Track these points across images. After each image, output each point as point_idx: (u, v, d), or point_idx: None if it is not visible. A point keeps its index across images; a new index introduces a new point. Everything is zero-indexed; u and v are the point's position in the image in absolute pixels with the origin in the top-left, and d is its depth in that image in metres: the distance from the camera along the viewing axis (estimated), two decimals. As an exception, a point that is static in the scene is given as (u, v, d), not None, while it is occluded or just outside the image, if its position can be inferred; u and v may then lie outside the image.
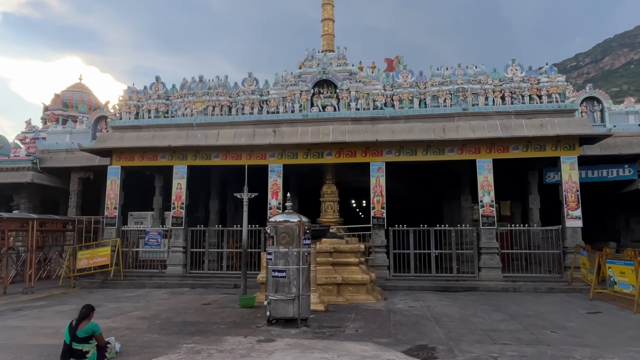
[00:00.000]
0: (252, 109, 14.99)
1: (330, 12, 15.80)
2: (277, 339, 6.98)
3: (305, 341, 6.84)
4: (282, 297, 7.78)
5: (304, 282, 7.92)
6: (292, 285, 7.83)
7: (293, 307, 7.76)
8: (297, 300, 7.75)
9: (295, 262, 7.86)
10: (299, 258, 7.88)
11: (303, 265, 7.92)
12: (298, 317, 7.77)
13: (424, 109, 14.23)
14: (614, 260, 10.47)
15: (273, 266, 7.96)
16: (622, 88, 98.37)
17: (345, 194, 17.18)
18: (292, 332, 7.43)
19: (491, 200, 13.11)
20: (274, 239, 8.02)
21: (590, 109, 15.88)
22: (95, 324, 5.74)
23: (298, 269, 7.85)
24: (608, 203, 17.02)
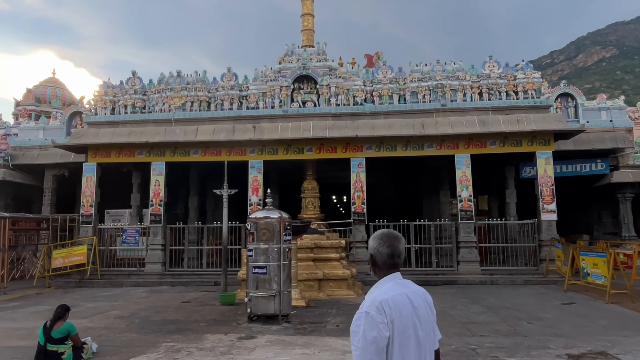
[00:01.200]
0: (231, 104, 14.84)
1: (310, 7, 15.74)
2: (258, 335, 6.96)
3: (286, 337, 6.83)
4: (262, 294, 7.75)
5: (284, 278, 7.91)
6: (273, 281, 7.81)
7: (274, 304, 7.74)
8: (278, 296, 7.73)
9: (276, 258, 7.84)
10: (279, 254, 7.85)
11: (284, 262, 7.90)
12: (279, 314, 7.76)
13: (404, 104, 14.33)
14: (587, 253, 10.77)
15: (253, 263, 7.92)
16: (594, 85, 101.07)
17: (326, 190, 17.19)
18: (273, 328, 7.42)
19: (469, 195, 13.30)
20: (254, 235, 7.98)
21: (564, 105, 16.25)
22: (70, 324, 5.61)
23: (279, 265, 7.83)
24: (581, 197, 17.49)
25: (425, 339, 1.93)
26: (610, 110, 16.21)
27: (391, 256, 2.02)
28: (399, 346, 1.84)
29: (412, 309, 1.92)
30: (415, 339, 1.89)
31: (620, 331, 7.02)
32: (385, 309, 1.84)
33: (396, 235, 2.08)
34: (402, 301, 1.91)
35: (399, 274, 2.04)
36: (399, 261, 2.04)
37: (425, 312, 1.97)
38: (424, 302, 2.00)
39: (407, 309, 1.90)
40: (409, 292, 1.97)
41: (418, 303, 1.96)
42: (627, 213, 15.61)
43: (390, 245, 2.03)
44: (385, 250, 2.02)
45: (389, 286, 1.97)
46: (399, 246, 2.04)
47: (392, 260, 2.03)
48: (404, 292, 1.95)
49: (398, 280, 2.01)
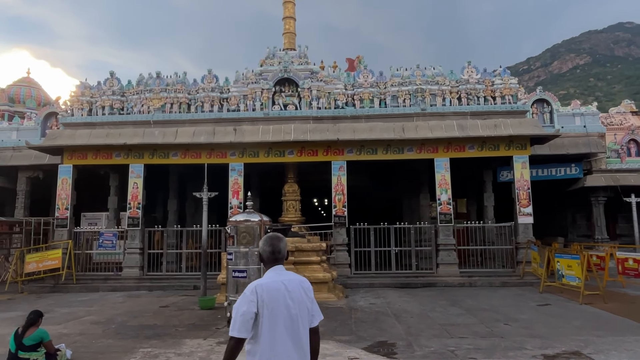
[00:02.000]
0: (212, 106, 14.73)
1: (292, 10, 15.76)
2: (238, 340, 6.88)
3: (266, 341, 6.78)
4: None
5: (265, 281, 7.86)
6: (253, 285, 7.74)
7: (254, 308, 7.68)
8: (258, 300, 7.67)
9: (257, 261, 7.78)
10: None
11: (264, 265, 7.85)
12: (259, 317, 7.69)
13: (384, 108, 14.46)
14: (561, 255, 11.03)
15: (233, 266, 7.86)
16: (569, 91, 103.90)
17: (307, 193, 17.18)
18: (253, 332, 7.35)
19: (448, 198, 13.48)
20: (234, 238, 7.92)
21: (540, 111, 16.64)
22: (43, 331, 5.46)
23: (259, 269, 7.77)
24: (556, 200, 17.93)
25: (297, 316, 2.43)
26: (584, 116, 16.69)
27: (272, 252, 2.59)
28: (268, 318, 2.37)
29: (286, 292, 2.43)
30: (287, 314, 2.40)
31: (593, 331, 7.20)
32: (258, 291, 2.40)
33: (277, 237, 2.66)
34: (276, 286, 2.43)
35: (281, 266, 2.59)
36: (279, 256, 2.60)
37: (298, 295, 2.48)
38: (299, 288, 2.51)
39: (280, 292, 2.42)
40: (285, 280, 2.49)
41: (292, 288, 2.47)
42: (600, 216, 16.06)
43: (272, 244, 2.60)
44: (268, 248, 2.59)
45: (269, 275, 2.53)
46: (279, 245, 2.60)
47: (274, 256, 2.59)
48: (280, 279, 2.48)
49: (278, 271, 2.55)
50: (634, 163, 15.98)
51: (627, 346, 6.30)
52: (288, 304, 2.42)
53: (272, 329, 2.37)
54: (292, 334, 2.40)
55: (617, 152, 16.10)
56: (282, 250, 2.61)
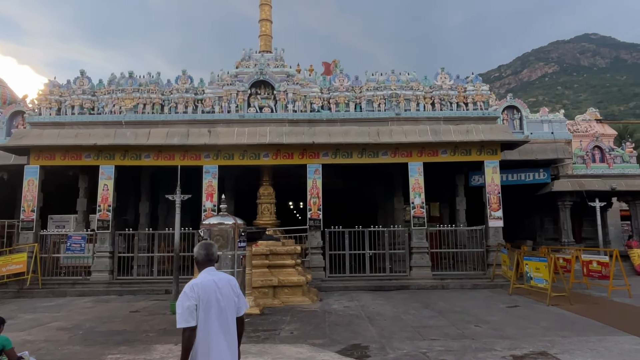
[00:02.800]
0: (186, 107, 14.53)
1: (268, 12, 15.72)
2: (210, 344, 6.79)
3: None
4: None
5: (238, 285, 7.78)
6: (227, 289, 7.66)
7: (227, 312, 7.59)
8: (231, 304, 7.59)
9: (230, 265, 7.71)
10: (233, 261, 7.73)
11: (238, 269, 7.79)
12: (232, 322, 7.61)
13: (360, 112, 14.57)
14: (530, 258, 11.34)
15: (206, 270, 7.74)
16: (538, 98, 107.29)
17: (283, 196, 17.13)
18: (226, 337, 7.27)
19: (422, 202, 13.68)
20: (207, 242, 7.81)
21: (510, 117, 17.09)
22: (5, 338, 5.25)
23: (232, 273, 7.69)
24: (526, 204, 18.42)
25: (226, 307, 3.01)
26: (552, 123, 17.23)
27: (206, 255, 3.17)
28: (203, 310, 2.93)
29: (217, 288, 3.01)
30: (217, 306, 2.97)
31: (559, 332, 7.42)
32: (195, 288, 2.96)
33: (210, 243, 3.30)
34: (209, 284, 3.01)
35: (213, 267, 3.17)
36: (212, 259, 3.18)
37: (227, 291, 3.06)
38: (227, 285, 3.09)
39: (211, 289, 2.99)
40: (216, 279, 3.07)
41: (222, 285, 3.05)
42: (567, 220, 16.58)
43: (206, 249, 3.19)
44: (203, 252, 3.17)
45: (203, 275, 3.09)
46: (212, 250, 3.21)
47: (207, 258, 3.17)
48: (212, 278, 3.06)
49: (211, 272, 3.13)
50: (598, 169, 16.59)
51: (590, 346, 6.52)
52: (218, 298, 2.99)
53: (206, 318, 2.93)
54: (221, 322, 2.98)
55: (583, 158, 16.68)
56: (214, 254, 3.21)
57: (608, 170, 16.58)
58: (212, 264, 3.17)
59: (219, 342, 2.93)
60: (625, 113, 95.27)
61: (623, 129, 50.10)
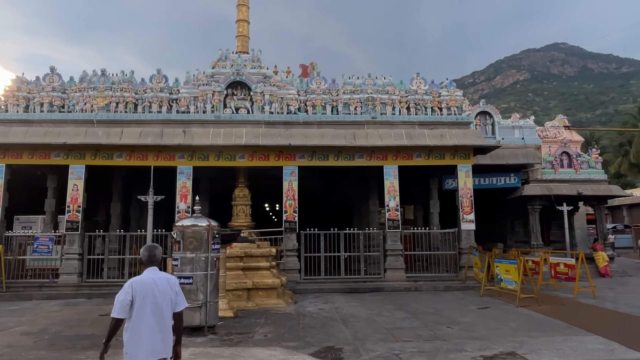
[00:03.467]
0: (160, 107, 14.29)
1: (246, 13, 15.64)
2: (182, 348, 6.68)
3: (211, 349, 6.64)
4: (188, 305, 7.45)
5: (212, 288, 7.70)
6: (199, 291, 7.57)
7: (200, 315, 7.50)
8: (204, 307, 7.51)
9: (203, 267, 7.62)
10: (207, 263, 7.64)
11: (211, 271, 7.70)
12: (205, 325, 7.53)
13: (336, 115, 14.64)
14: (500, 260, 11.62)
15: (179, 272, 7.63)
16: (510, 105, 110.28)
17: (258, 198, 17.03)
18: (198, 340, 7.18)
19: (396, 205, 13.83)
20: (180, 244, 7.70)
21: (483, 122, 17.49)
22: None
23: (206, 275, 7.62)
24: (497, 208, 18.85)
25: (162, 303, 3.44)
26: (523, 129, 17.72)
27: (149, 257, 3.64)
28: (139, 304, 3.37)
29: (155, 285, 3.45)
30: (153, 302, 3.40)
31: (527, 332, 7.63)
32: (133, 285, 3.41)
33: (154, 246, 3.76)
34: (147, 281, 3.46)
35: (155, 268, 3.61)
36: (154, 259, 3.64)
37: (164, 288, 3.49)
38: (166, 283, 3.53)
39: (149, 285, 3.43)
40: (155, 277, 3.51)
41: (160, 283, 3.49)
42: (536, 223, 17.03)
43: (149, 251, 3.67)
44: (147, 253, 3.65)
45: (145, 274, 3.54)
46: (155, 252, 3.67)
47: (150, 259, 3.64)
48: (151, 277, 3.51)
49: (153, 271, 3.57)
50: (566, 174, 17.12)
51: (556, 346, 6.72)
52: (155, 294, 3.42)
53: (141, 311, 3.37)
54: (157, 315, 3.40)
55: (552, 163, 17.18)
56: (156, 256, 3.67)
57: (575, 175, 17.13)
58: (154, 265, 3.62)
59: (152, 332, 3.39)
60: (592, 120, 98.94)
61: (590, 135, 52.03)
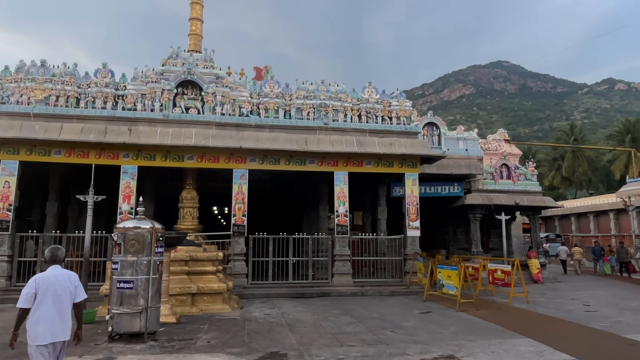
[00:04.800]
0: (105, 103, 13.67)
1: (199, 11, 15.34)
2: (119, 356, 6.40)
3: (151, 356, 6.40)
4: (127, 310, 7.17)
5: (153, 293, 7.43)
6: (140, 296, 7.28)
7: (140, 321, 7.21)
8: (144, 312, 7.23)
9: (145, 271, 7.34)
10: (149, 267, 7.37)
11: (154, 275, 7.43)
12: (145, 331, 7.24)
13: (289, 120, 14.64)
14: (443, 266, 12.05)
15: (119, 276, 7.31)
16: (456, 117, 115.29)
17: (207, 200, 16.67)
18: (137, 347, 6.89)
19: (345, 211, 14.01)
20: (121, 246, 7.38)
21: (430, 133, 18.14)
22: None
23: (148, 279, 7.34)
24: (441, 216, 19.56)
25: (62, 294, 4.15)
26: (467, 141, 18.55)
27: (51, 257, 4.35)
28: (41, 295, 4.07)
29: (55, 280, 4.15)
30: (54, 293, 4.10)
31: (466, 336, 7.95)
32: (36, 280, 4.12)
33: (57, 247, 4.46)
34: (49, 277, 4.17)
35: (58, 265, 4.33)
36: (57, 259, 4.36)
37: (64, 282, 4.20)
38: (67, 278, 4.25)
39: (50, 280, 4.14)
40: (56, 273, 4.23)
41: (61, 278, 4.20)
42: (476, 231, 17.85)
43: (52, 252, 4.38)
44: (50, 254, 4.36)
45: (47, 271, 4.24)
46: (57, 252, 4.40)
47: (52, 259, 4.35)
48: (53, 273, 4.22)
49: (54, 269, 4.28)
50: (505, 185, 18.10)
51: (492, 349, 7.06)
52: (56, 287, 4.12)
53: (43, 301, 4.05)
54: (57, 305, 4.10)
55: (492, 174, 18.10)
56: (59, 256, 4.40)
57: (513, 186, 18.15)
58: (56, 263, 4.33)
59: (52, 319, 4.06)
60: (530, 135, 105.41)
61: (527, 149, 55.37)
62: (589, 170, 50.32)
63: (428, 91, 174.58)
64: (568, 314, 10.42)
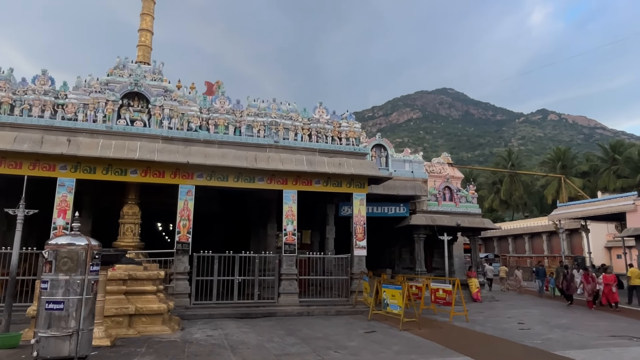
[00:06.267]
0: (42, 111, 12.94)
1: (150, 23, 15.03)
2: (45, 383, 5.94)
3: (81, 383, 5.99)
4: (56, 333, 6.70)
5: (86, 314, 7.00)
6: (72, 318, 6.84)
7: (70, 344, 6.76)
8: (75, 335, 6.78)
9: (78, 291, 6.92)
10: (82, 287, 6.96)
11: (87, 295, 7.02)
12: (75, 356, 6.78)
13: (239, 136, 14.53)
14: (387, 285, 12.25)
15: (48, 297, 6.83)
16: (403, 140, 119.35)
17: (151, 217, 16.06)
18: (65, 373, 6.44)
19: (294, 229, 13.98)
20: (52, 264, 6.92)
21: (378, 155, 18.64)
22: None
23: (81, 300, 6.91)
24: (387, 235, 20.00)
25: None
26: (412, 163, 19.22)
27: None
28: None
29: None
30: None
31: (407, 355, 8.09)
32: None
33: None
34: None
35: None
36: None
37: None
38: None
39: None
40: None
41: None
42: (420, 251, 18.37)
43: None
44: None
45: None
46: None
47: None
48: None
49: None
50: (447, 207, 18.84)
51: (432, 367, 7.22)
52: None
53: None
54: None
55: (436, 196, 18.80)
56: None
57: (455, 208, 18.92)
58: None
59: None
60: (472, 159, 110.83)
61: (469, 173, 58.10)
62: (524, 194, 53.47)
63: (378, 113, 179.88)
64: (504, 332, 10.89)
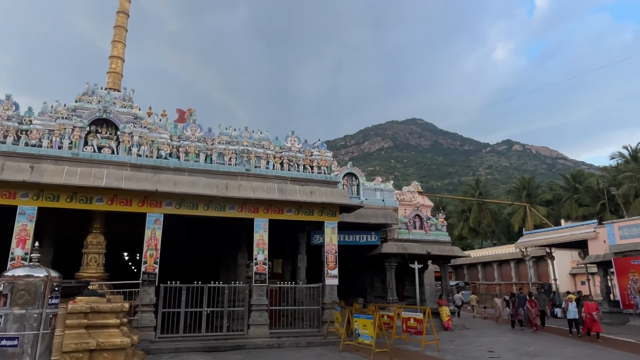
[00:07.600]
0: (5, 137, 12.54)
1: (121, 50, 14.99)
2: None
3: None
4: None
5: (42, 350, 6.61)
6: (26, 355, 6.43)
7: (23, 384, 6.33)
8: (30, 374, 6.37)
9: (35, 326, 6.53)
10: (40, 321, 6.60)
11: (44, 330, 6.64)
12: (28, 396, 6.36)
13: (210, 164, 14.42)
14: (359, 315, 12.17)
15: (2, 333, 6.41)
16: (375, 168, 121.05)
17: (117, 246, 15.58)
18: (17, 415, 6.01)
19: (265, 258, 13.79)
20: (7, 298, 6.55)
21: (350, 183, 18.81)
22: None
23: (37, 335, 6.54)
24: (359, 264, 19.97)
25: None
26: (383, 192, 19.46)
27: None
28: None
29: None
30: None
31: (379, 386, 7.97)
32: None
33: None
34: None
35: None
36: None
37: None
38: None
39: None
40: None
41: None
42: (392, 279, 18.38)
43: None
44: None
45: None
46: None
47: None
48: None
49: None
50: (418, 235, 19.04)
51: (403, 398, 7.12)
52: None
53: None
54: None
55: (406, 224, 19.00)
56: None
57: (425, 236, 19.14)
58: None
59: None
60: (441, 188, 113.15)
61: (439, 201, 59.20)
62: (492, 222, 54.78)
63: (350, 142, 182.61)
64: (474, 360, 10.91)
